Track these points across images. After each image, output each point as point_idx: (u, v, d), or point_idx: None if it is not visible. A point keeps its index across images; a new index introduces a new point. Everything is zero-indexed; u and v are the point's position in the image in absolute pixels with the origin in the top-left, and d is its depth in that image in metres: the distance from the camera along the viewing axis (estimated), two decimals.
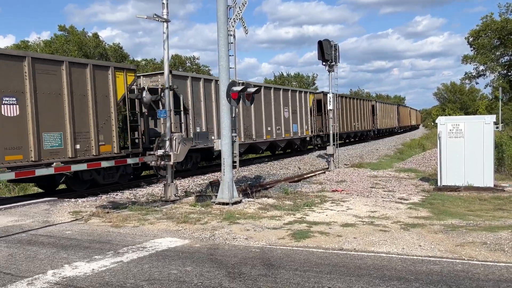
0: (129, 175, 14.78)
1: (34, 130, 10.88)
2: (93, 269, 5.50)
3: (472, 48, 27.63)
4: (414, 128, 77.14)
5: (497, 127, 12.05)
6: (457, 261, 5.60)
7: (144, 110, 15.19)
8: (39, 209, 10.04)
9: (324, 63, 17.96)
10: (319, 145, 28.47)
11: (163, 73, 15.34)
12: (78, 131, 12.00)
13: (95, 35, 38.99)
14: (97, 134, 12.46)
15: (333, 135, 18.74)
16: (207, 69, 50.93)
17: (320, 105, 28.25)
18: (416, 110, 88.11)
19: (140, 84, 15.72)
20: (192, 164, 17.89)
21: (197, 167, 18.80)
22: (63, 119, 11.65)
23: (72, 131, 11.78)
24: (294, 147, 26.03)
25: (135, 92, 14.73)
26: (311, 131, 26.92)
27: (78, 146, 11.96)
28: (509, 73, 26.53)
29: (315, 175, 16.43)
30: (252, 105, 21.30)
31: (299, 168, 19.14)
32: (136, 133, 14.87)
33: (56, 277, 5.23)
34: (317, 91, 33.00)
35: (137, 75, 16.07)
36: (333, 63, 18.00)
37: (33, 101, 10.91)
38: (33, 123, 10.87)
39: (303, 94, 26.20)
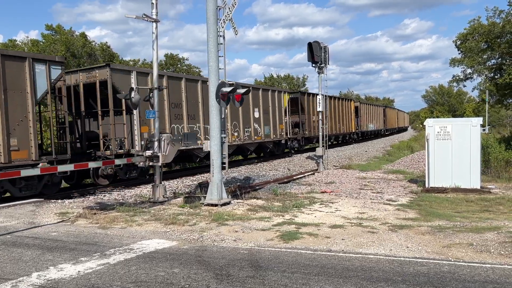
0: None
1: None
2: (78, 271, 5.43)
3: (459, 51, 27.94)
4: (403, 130, 76.55)
5: (484, 130, 12.19)
6: (444, 262, 5.64)
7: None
8: (25, 210, 9.90)
9: (314, 65, 18.01)
10: (355, 139, 39.79)
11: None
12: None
13: (82, 35, 38.61)
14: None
15: (323, 136, 18.79)
16: (197, 70, 50.82)
17: (357, 111, 39.54)
18: (404, 112, 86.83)
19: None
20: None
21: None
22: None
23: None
24: (345, 139, 37.24)
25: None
26: (353, 129, 39.15)
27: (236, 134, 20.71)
28: (495, 76, 26.84)
29: (304, 176, 16.46)
30: (327, 111, 27.70)
31: (289, 169, 19.16)
32: None
33: (41, 279, 5.16)
34: (355, 100, 46.07)
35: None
36: (323, 64, 18.05)
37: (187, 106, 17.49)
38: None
39: (346, 101, 37.82)
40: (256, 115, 22.64)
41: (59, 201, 11.38)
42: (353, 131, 39.29)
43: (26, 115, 11.86)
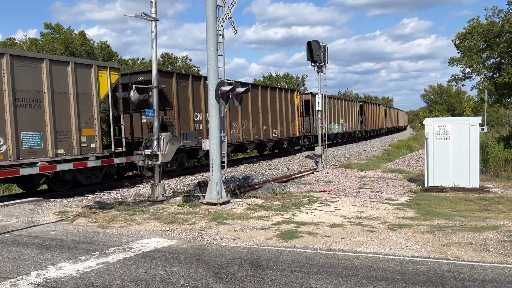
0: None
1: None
2: (78, 270, 5.42)
3: (459, 51, 27.97)
4: (396, 130, 72.40)
5: (482, 129, 12.20)
6: (443, 261, 5.65)
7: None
8: (24, 209, 9.89)
9: (313, 64, 18.02)
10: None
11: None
12: None
13: (82, 33, 38.56)
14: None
15: (322, 135, 18.80)
16: (197, 69, 50.76)
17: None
18: (397, 109, 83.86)
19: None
20: None
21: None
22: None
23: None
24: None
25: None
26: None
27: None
28: (494, 76, 26.90)
29: (303, 175, 16.46)
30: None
31: (288, 169, 19.16)
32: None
33: (40, 278, 5.15)
34: (359, 100, 45.23)
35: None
36: (322, 64, 18.06)
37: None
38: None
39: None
40: None
41: (58, 200, 11.37)
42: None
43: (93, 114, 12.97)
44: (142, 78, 16.59)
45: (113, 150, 13.86)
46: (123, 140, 14.39)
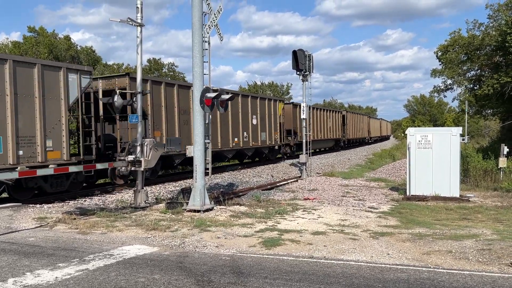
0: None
1: None
2: (56, 277, 5.32)
3: (440, 62, 28.49)
4: (386, 138, 78.29)
5: (463, 139, 12.43)
6: (424, 269, 5.71)
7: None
8: (2, 215, 9.67)
9: (298, 73, 18.15)
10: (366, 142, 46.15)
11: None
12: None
13: (67, 38, 38.17)
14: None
15: (306, 143, 18.89)
16: (182, 75, 50.66)
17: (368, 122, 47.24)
18: (386, 121, 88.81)
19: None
20: None
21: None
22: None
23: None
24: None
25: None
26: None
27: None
28: (475, 87, 27.45)
29: (287, 183, 16.50)
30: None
31: (272, 176, 19.18)
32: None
33: (17, 286, 5.03)
34: (367, 114, 54.82)
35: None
36: (307, 72, 18.21)
37: None
38: None
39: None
40: None
41: (38, 205, 11.15)
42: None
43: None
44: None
45: (283, 142, 26.37)
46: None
